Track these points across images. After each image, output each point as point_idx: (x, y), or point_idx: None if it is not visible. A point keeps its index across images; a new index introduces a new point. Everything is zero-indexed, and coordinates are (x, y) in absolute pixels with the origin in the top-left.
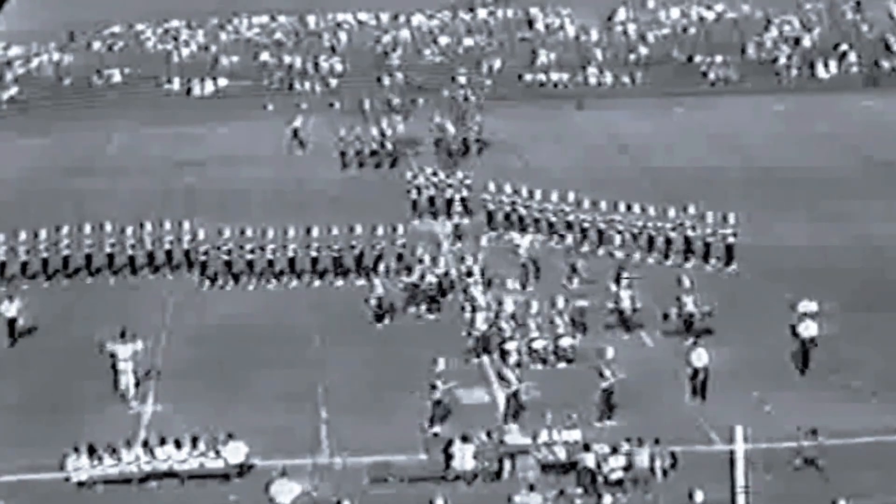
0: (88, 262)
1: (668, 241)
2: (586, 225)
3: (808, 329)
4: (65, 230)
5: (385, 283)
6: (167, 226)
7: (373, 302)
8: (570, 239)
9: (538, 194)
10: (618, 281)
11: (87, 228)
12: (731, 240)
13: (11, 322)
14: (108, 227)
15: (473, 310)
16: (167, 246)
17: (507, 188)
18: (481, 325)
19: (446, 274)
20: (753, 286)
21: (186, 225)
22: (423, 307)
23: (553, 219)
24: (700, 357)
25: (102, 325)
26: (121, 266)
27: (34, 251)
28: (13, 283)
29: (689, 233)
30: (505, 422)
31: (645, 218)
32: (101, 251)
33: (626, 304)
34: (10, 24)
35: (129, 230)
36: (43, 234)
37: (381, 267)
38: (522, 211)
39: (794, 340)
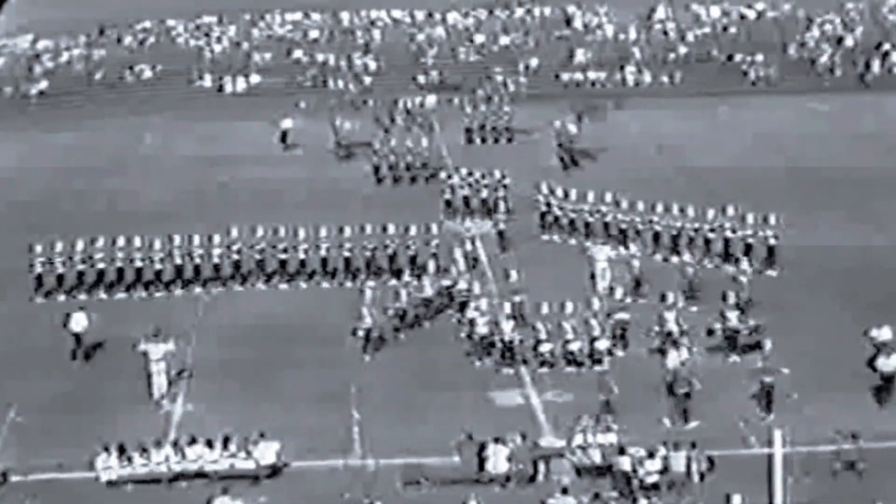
0: (120, 275)
1: (708, 243)
2: (623, 226)
3: (888, 365)
4: (100, 242)
5: (373, 313)
6: (196, 240)
7: (360, 334)
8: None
9: (573, 194)
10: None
11: (121, 241)
12: (772, 241)
13: (77, 337)
14: (137, 241)
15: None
16: (197, 260)
17: (544, 188)
18: (482, 328)
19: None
20: (794, 288)
21: (217, 238)
22: (456, 311)
23: (590, 220)
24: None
25: (135, 324)
26: (150, 280)
27: (70, 262)
28: (52, 296)
29: (729, 234)
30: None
31: (683, 219)
32: (130, 264)
33: (671, 325)
34: (38, 16)
35: (158, 243)
36: (80, 245)
37: (368, 293)
38: (558, 212)
39: (873, 374)
